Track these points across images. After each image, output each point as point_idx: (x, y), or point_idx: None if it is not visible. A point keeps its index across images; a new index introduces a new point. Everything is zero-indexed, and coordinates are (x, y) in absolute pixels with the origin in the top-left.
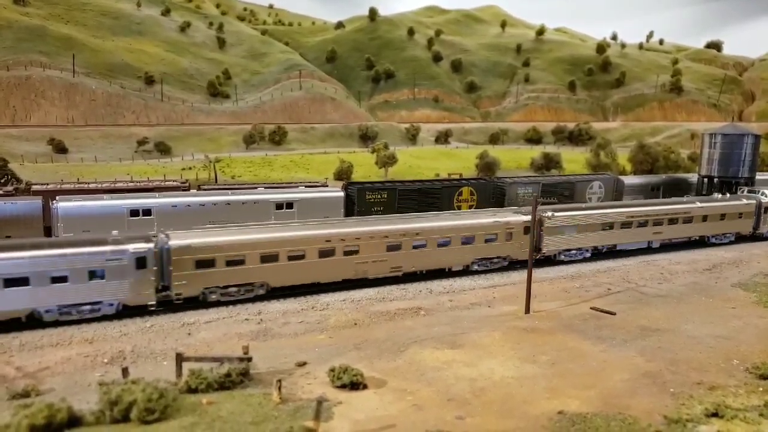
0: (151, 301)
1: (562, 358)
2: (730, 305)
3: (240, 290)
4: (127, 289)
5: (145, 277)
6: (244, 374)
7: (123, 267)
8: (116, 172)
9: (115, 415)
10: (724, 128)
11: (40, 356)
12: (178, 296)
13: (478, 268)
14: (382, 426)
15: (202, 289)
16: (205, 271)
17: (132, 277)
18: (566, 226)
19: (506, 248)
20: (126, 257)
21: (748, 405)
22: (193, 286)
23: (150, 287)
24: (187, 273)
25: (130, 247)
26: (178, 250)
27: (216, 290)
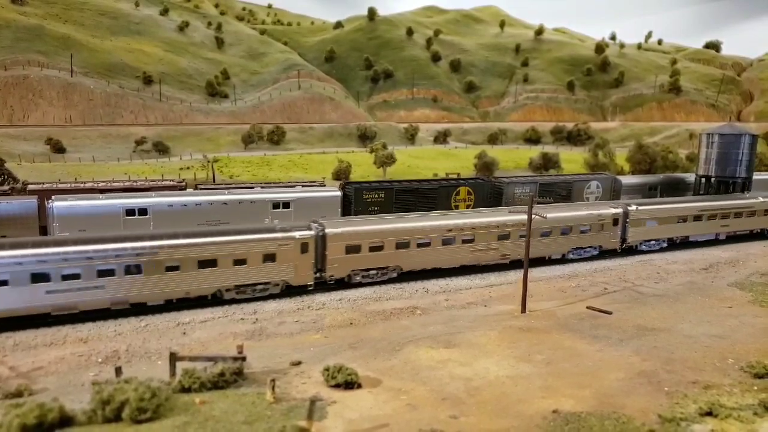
0: (310, 282)
1: (557, 358)
2: (726, 304)
3: (378, 273)
4: (292, 271)
5: (307, 260)
6: (238, 374)
7: (290, 251)
8: (114, 171)
9: (107, 415)
10: (722, 128)
11: (33, 356)
12: (331, 277)
13: (573, 256)
14: (375, 425)
15: (350, 272)
16: (353, 255)
17: (297, 260)
18: (648, 219)
19: (598, 238)
20: (293, 243)
21: (743, 404)
22: (342, 268)
23: (310, 269)
24: (338, 257)
25: (296, 234)
26: (332, 237)
27: (359, 273)
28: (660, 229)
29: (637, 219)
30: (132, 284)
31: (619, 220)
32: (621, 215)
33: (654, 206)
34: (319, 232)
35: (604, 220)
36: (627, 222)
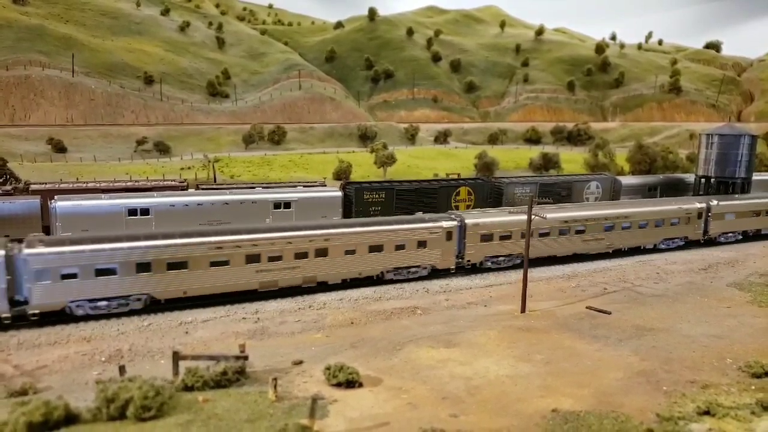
0: (452, 266)
1: (556, 357)
2: (725, 305)
3: (506, 260)
4: (439, 256)
5: (450, 247)
6: (240, 372)
7: (438, 239)
8: (115, 171)
9: (112, 413)
10: (721, 129)
11: (37, 354)
12: (468, 262)
13: (663, 246)
14: (376, 424)
15: (483, 258)
16: (486, 243)
17: (443, 247)
18: (727, 213)
19: (685, 230)
20: (441, 231)
21: (740, 403)
22: (477, 255)
23: (453, 255)
24: (474, 244)
25: (444, 224)
26: (471, 227)
27: (490, 259)
28: (737, 222)
29: (718, 213)
30: (320, 265)
31: (703, 214)
32: (704, 209)
33: (732, 201)
34: (460, 222)
35: (690, 214)
36: (709, 215)
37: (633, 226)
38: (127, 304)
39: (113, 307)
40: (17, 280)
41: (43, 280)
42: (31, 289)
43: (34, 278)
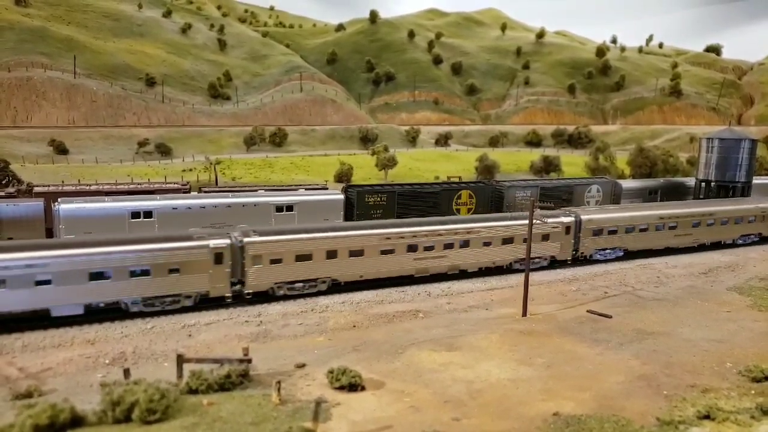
0: (569, 257)
1: (558, 361)
2: (725, 309)
3: (611, 252)
4: (558, 248)
5: (568, 240)
6: (244, 375)
7: (559, 233)
8: (117, 173)
9: (117, 416)
10: (721, 132)
11: (42, 357)
12: (582, 255)
13: (741, 242)
14: (379, 427)
15: (593, 250)
16: (597, 237)
17: (563, 240)
18: None
19: (759, 227)
20: (561, 226)
21: (740, 407)
22: (589, 247)
23: (570, 247)
24: (588, 238)
25: (564, 219)
26: (586, 222)
27: (599, 251)
28: None
29: None
30: (463, 255)
31: None
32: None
33: None
34: (577, 218)
35: (765, 213)
36: None
37: (716, 223)
38: (315, 285)
39: (305, 289)
40: (235, 266)
41: (256, 265)
42: (247, 272)
43: (251, 263)
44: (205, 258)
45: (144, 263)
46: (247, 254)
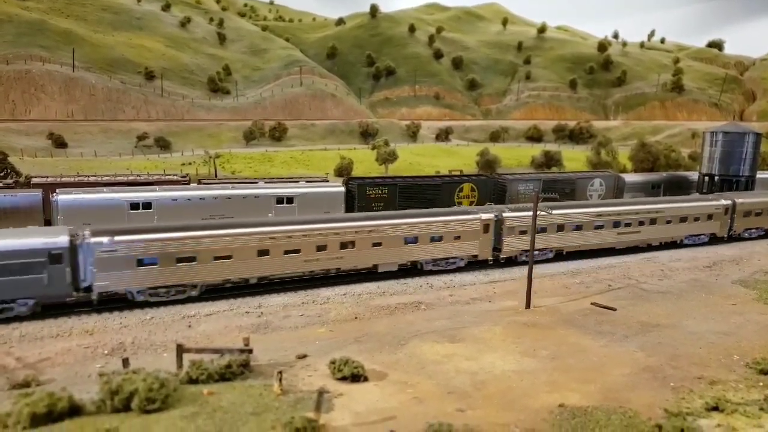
0: (725, 234)
1: (562, 353)
2: (731, 302)
3: (756, 231)
4: (718, 227)
5: (726, 221)
6: (245, 366)
7: (719, 214)
8: (116, 167)
9: (116, 405)
10: (726, 126)
11: (40, 347)
12: (735, 233)
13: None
14: (382, 418)
15: (743, 229)
16: (746, 218)
17: (721, 220)
18: None
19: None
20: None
21: (749, 399)
22: (741, 227)
23: (726, 227)
24: (740, 219)
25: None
26: (740, 205)
27: (747, 231)
28: None
29: None
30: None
31: None
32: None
33: None
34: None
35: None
36: None
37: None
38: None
39: (541, 255)
40: (495, 235)
41: (510, 235)
42: (503, 240)
43: (507, 233)
44: (477, 228)
45: (440, 231)
46: (504, 226)
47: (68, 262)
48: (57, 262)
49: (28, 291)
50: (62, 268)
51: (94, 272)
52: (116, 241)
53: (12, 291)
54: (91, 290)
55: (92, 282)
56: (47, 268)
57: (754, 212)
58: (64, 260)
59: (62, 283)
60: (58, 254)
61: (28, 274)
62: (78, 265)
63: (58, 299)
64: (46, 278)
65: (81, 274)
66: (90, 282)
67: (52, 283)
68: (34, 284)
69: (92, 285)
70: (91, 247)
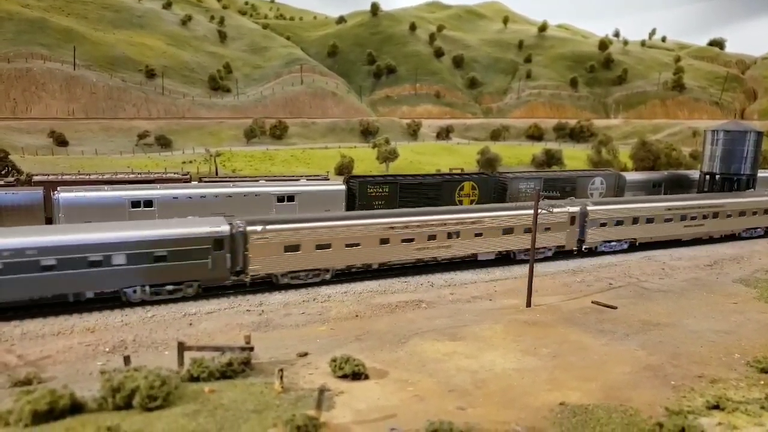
0: None
1: (563, 351)
2: (731, 301)
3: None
4: None
5: None
6: (246, 364)
7: None
8: (117, 165)
9: (118, 402)
10: (727, 125)
11: (41, 345)
12: None
13: None
14: (383, 415)
15: None
16: None
17: None
18: None
19: None
20: None
21: (750, 398)
22: None
23: None
24: None
25: None
26: None
27: None
28: None
29: None
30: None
31: None
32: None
33: None
34: None
35: None
36: None
37: None
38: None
39: (616, 246)
40: (580, 229)
41: (593, 226)
42: (587, 232)
43: (590, 225)
44: (565, 220)
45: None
46: (588, 218)
47: (228, 248)
48: (219, 248)
49: (195, 274)
50: (223, 253)
51: (248, 257)
52: (267, 229)
53: (183, 274)
54: (243, 274)
55: (246, 266)
56: (211, 254)
57: None
58: (225, 246)
59: (223, 267)
60: (220, 241)
61: (196, 259)
62: (234, 251)
63: (218, 282)
64: (210, 263)
65: (236, 260)
66: (243, 266)
67: (215, 267)
68: (200, 268)
69: (246, 269)
70: (247, 234)
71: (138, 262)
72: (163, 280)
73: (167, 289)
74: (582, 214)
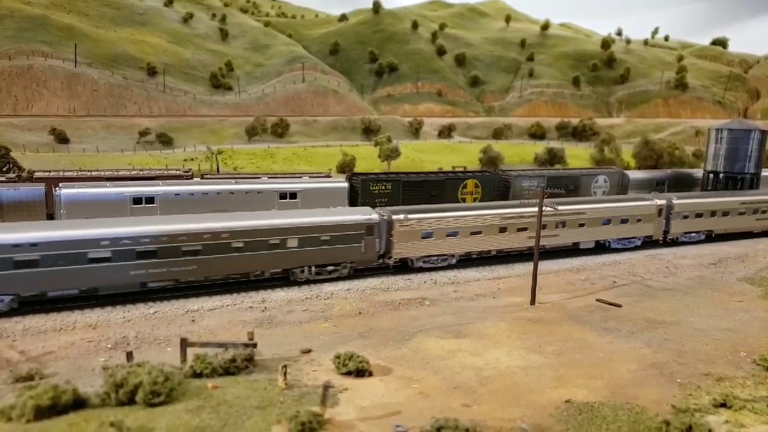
0: None
1: (568, 349)
2: (737, 299)
3: None
4: None
5: None
6: (249, 360)
7: None
8: (118, 162)
9: (121, 398)
10: (731, 123)
11: (43, 341)
12: None
13: None
14: (388, 412)
15: None
16: None
17: None
18: None
19: None
20: None
21: (756, 396)
22: None
23: None
24: None
25: None
26: None
27: None
28: None
29: None
30: None
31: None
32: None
33: None
34: None
35: None
36: None
37: None
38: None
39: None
40: (666, 220)
41: (675, 219)
42: (672, 223)
43: (674, 217)
44: (653, 212)
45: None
46: (673, 211)
47: (377, 234)
48: (371, 233)
49: (350, 256)
50: (374, 238)
51: (393, 242)
52: (409, 218)
53: (341, 256)
54: (386, 257)
55: (390, 250)
56: (364, 238)
57: None
58: (375, 232)
59: (372, 250)
60: (372, 227)
61: (351, 243)
62: (381, 237)
63: (367, 264)
64: (363, 246)
65: (382, 244)
66: (387, 250)
67: (366, 251)
68: (354, 251)
69: (391, 252)
70: (392, 222)
71: (308, 245)
72: (325, 261)
73: (327, 269)
74: (668, 207)
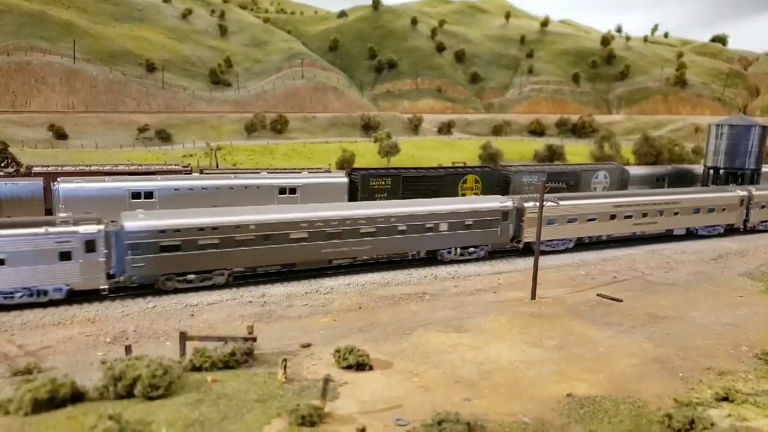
0: None
1: (569, 343)
2: (737, 294)
3: None
4: None
5: None
6: (249, 354)
7: None
8: (117, 158)
9: (119, 391)
10: (731, 119)
11: (41, 335)
12: None
13: None
14: (389, 406)
15: None
16: None
17: None
18: None
19: None
20: None
21: (759, 390)
22: None
23: None
24: None
25: None
26: None
27: None
28: None
29: None
30: None
31: None
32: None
33: None
34: None
35: None
36: None
37: None
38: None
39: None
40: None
41: (754, 209)
42: (751, 213)
43: (754, 207)
44: (735, 202)
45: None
46: (753, 201)
47: (511, 220)
48: (505, 219)
49: (487, 239)
50: (507, 224)
51: (523, 228)
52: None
53: (480, 238)
54: (515, 240)
55: (521, 234)
56: (500, 223)
57: None
58: (509, 218)
59: (506, 234)
60: (506, 213)
61: (489, 228)
62: (512, 222)
63: (500, 246)
64: (498, 230)
65: (513, 229)
66: (517, 234)
67: (501, 234)
68: (491, 234)
69: (521, 237)
70: (524, 209)
71: (455, 228)
72: (468, 243)
73: (469, 250)
74: (748, 198)
